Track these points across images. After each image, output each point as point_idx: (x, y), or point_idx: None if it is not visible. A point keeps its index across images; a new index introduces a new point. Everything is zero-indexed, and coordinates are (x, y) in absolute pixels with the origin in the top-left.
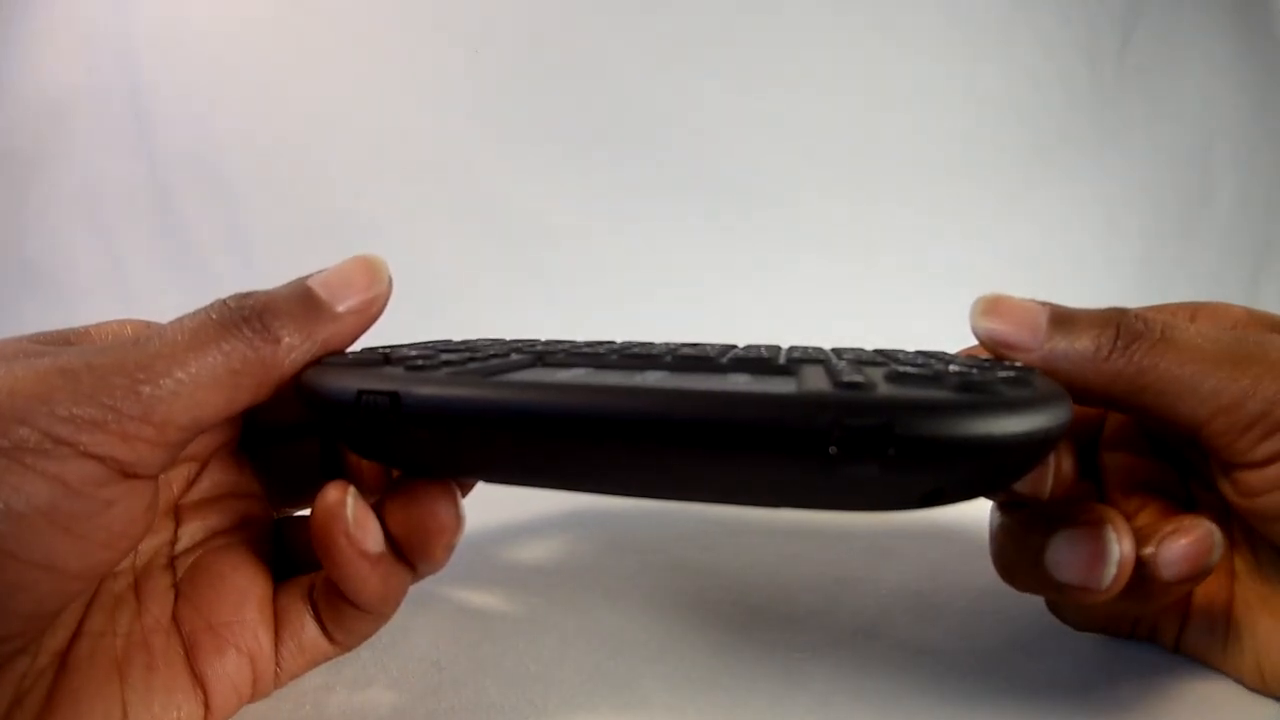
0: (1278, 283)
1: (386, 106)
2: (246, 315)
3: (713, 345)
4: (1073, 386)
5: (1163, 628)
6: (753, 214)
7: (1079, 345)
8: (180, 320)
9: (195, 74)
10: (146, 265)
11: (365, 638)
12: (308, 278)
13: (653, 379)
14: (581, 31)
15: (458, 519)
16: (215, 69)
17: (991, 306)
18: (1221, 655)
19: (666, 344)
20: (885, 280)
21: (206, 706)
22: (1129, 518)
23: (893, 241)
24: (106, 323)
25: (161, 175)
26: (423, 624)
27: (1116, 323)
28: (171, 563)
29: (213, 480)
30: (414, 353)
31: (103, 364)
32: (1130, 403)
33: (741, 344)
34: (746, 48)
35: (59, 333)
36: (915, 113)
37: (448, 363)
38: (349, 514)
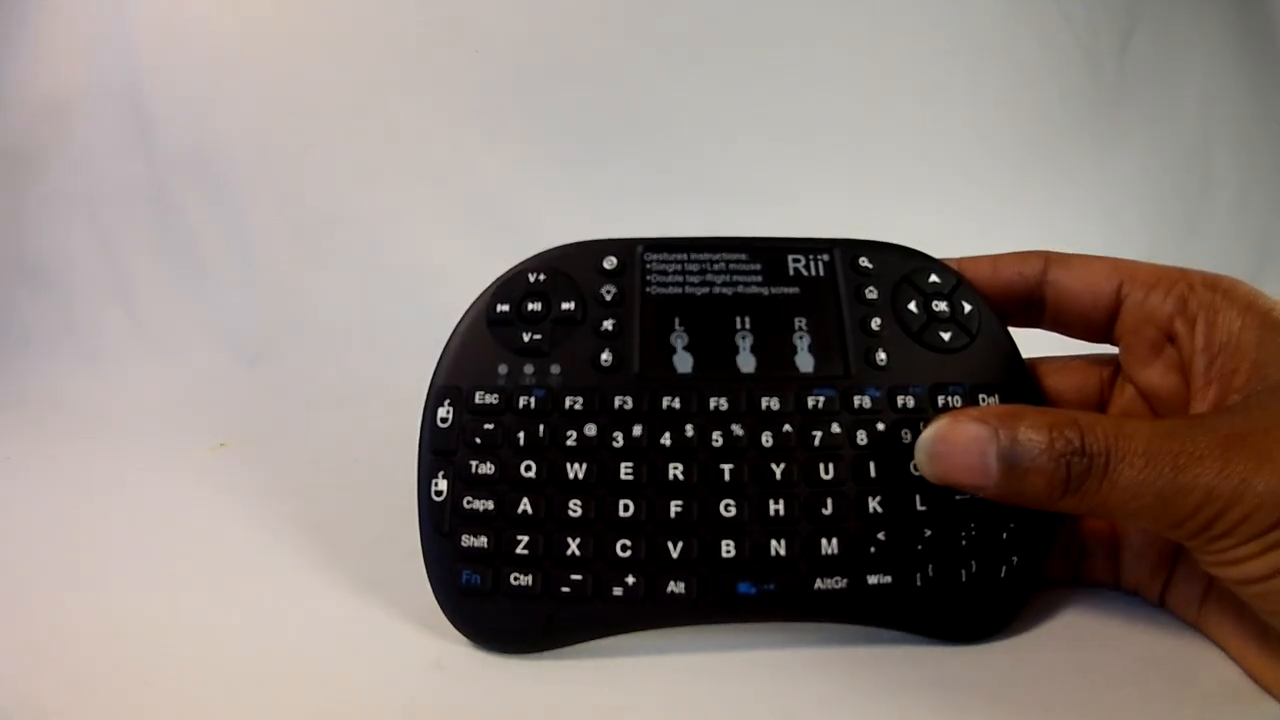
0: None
1: (387, 106)
2: None
3: None
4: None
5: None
6: (752, 214)
7: (1030, 489)
8: None
9: (195, 74)
10: (147, 265)
11: None
12: None
13: None
14: (583, 32)
15: None
16: (215, 69)
17: (934, 452)
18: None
19: None
20: None
21: None
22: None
23: (894, 241)
24: None
25: (161, 175)
26: None
27: (1066, 463)
28: None
29: None
30: None
31: None
32: (1088, 516)
33: None
34: (748, 47)
35: None
36: (916, 111)
37: None
38: None
